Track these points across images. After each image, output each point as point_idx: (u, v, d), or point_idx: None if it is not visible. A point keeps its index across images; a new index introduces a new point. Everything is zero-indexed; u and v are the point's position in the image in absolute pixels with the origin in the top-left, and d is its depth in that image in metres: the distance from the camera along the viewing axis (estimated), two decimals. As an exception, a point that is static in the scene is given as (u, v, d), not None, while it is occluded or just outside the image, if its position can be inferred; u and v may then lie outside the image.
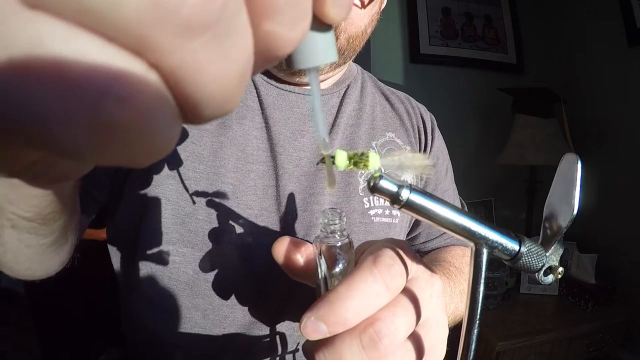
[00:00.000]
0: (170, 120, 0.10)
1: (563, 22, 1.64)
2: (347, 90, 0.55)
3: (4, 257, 0.32)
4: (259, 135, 0.47)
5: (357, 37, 0.45)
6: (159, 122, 0.10)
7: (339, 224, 0.25)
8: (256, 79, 0.49)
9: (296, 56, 0.15)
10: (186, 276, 0.45)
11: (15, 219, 0.25)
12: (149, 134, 0.09)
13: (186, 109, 0.10)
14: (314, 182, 0.48)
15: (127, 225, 0.46)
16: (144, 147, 0.10)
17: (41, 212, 0.25)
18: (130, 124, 0.09)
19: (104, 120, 0.08)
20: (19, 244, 0.29)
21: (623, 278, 1.37)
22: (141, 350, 0.50)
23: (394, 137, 0.55)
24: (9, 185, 0.21)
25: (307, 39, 0.14)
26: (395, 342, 0.22)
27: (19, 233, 0.27)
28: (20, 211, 0.24)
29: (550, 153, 1.37)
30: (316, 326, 0.21)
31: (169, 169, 0.43)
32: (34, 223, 0.26)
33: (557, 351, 1.22)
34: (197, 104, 0.10)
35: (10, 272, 0.36)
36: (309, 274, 0.27)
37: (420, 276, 0.25)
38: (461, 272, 0.50)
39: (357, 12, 0.43)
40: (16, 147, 0.10)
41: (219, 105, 0.11)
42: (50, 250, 0.33)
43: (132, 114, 0.09)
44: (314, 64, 0.15)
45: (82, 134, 0.08)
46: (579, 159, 0.22)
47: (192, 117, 0.11)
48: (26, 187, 0.21)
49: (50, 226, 0.28)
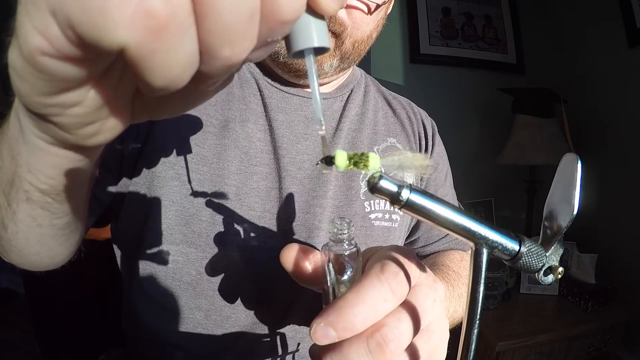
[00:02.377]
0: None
1: (563, 22, 1.64)
2: (350, 94, 0.55)
3: (15, 239, 0.32)
4: (263, 137, 0.47)
5: (363, 42, 0.45)
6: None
7: (347, 233, 0.26)
8: (260, 82, 0.49)
9: (294, 39, 0.18)
10: (189, 276, 0.45)
11: (30, 191, 0.26)
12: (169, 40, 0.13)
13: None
14: (316, 184, 0.48)
15: (130, 226, 0.46)
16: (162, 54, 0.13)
17: (57, 186, 0.25)
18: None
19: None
20: (31, 222, 0.29)
21: (623, 278, 1.37)
22: (142, 349, 0.50)
23: (395, 142, 0.55)
24: (34, 149, 0.22)
25: (303, 24, 0.17)
26: (400, 346, 0.23)
27: (33, 208, 0.28)
28: (38, 182, 0.25)
29: (550, 153, 1.37)
30: (325, 331, 0.22)
31: (172, 170, 0.43)
32: (49, 198, 0.26)
33: (557, 351, 1.22)
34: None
35: (18, 257, 0.36)
36: (316, 281, 0.28)
37: (424, 282, 0.26)
38: (459, 276, 0.50)
39: (363, 17, 0.43)
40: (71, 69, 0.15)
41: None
42: (61, 234, 0.33)
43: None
44: (310, 45, 0.17)
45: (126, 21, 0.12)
46: (579, 159, 0.22)
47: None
48: (49, 153, 0.22)
49: (63, 205, 0.28)
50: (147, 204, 0.44)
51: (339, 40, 0.43)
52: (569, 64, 1.63)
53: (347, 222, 0.26)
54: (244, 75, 0.50)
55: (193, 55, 0.14)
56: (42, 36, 0.13)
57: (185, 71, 0.15)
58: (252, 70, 0.50)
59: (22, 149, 0.23)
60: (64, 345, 0.80)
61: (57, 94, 0.16)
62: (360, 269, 0.27)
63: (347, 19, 0.42)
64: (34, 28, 0.14)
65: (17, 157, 0.24)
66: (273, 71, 0.49)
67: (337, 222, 0.26)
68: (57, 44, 0.14)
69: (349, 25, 0.43)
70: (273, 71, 0.49)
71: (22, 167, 0.24)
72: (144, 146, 0.43)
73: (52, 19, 0.13)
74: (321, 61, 0.44)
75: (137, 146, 0.43)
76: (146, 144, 0.43)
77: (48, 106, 0.17)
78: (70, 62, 0.14)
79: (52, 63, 0.14)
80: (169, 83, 0.15)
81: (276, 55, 0.44)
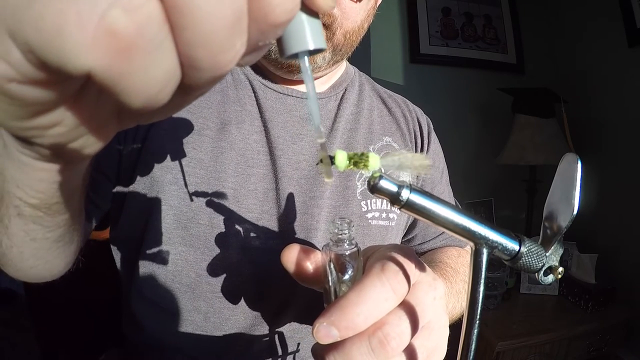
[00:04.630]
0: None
1: (563, 22, 1.64)
2: (344, 93, 0.55)
3: (10, 253, 0.32)
4: (258, 139, 0.47)
5: (354, 32, 0.45)
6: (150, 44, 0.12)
7: (347, 233, 0.26)
8: (254, 82, 0.49)
9: (287, 41, 0.16)
10: (188, 279, 0.45)
11: (21, 206, 0.25)
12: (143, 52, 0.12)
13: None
14: (313, 185, 0.48)
15: (130, 230, 0.46)
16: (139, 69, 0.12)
17: (47, 200, 0.25)
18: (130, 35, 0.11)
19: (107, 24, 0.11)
20: (24, 237, 0.29)
21: (623, 278, 1.37)
22: (141, 351, 0.50)
23: (391, 141, 0.55)
24: (20, 165, 0.21)
25: (296, 24, 0.16)
26: (401, 344, 0.23)
27: (25, 223, 0.27)
28: (27, 197, 0.24)
29: (550, 153, 1.37)
30: (328, 331, 0.22)
31: (170, 174, 0.43)
32: (40, 212, 0.26)
33: (557, 351, 1.22)
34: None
35: (15, 271, 0.36)
36: (317, 281, 0.28)
37: (423, 280, 0.26)
38: (457, 272, 0.50)
39: (352, 6, 0.42)
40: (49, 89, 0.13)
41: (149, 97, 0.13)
42: (56, 246, 0.33)
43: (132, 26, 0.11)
44: (305, 48, 0.16)
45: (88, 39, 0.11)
46: (579, 159, 0.22)
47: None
48: (36, 169, 0.21)
49: (55, 218, 0.28)
50: (146, 209, 0.44)
51: (330, 32, 0.43)
52: (569, 64, 1.63)
53: (348, 223, 0.26)
54: (238, 76, 0.49)
55: (172, 71, 0.13)
56: (5, 62, 0.12)
57: (165, 88, 0.13)
58: (245, 71, 0.50)
59: (8, 165, 0.22)
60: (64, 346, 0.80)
61: (33, 117, 0.15)
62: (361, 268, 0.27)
63: (336, 9, 0.41)
64: None
65: (4, 173, 0.23)
66: (266, 69, 0.49)
67: (337, 222, 0.26)
68: (20, 69, 0.12)
69: (338, 15, 0.42)
70: (266, 69, 0.49)
71: (10, 183, 0.24)
72: (141, 151, 0.43)
73: (12, 44, 0.12)
74: (314, 55, 0.44)
75: (134, 151, 0.43)
76: (143, 149, 0.43)
77: (26, 129, 0.16)
78: (39, 86, 0.13)
79: (20, 89, 0.13)
80: (148, 103, 0.13)
81: (268, 52, 0.44)
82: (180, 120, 0.44)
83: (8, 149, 0.20)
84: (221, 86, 0.48)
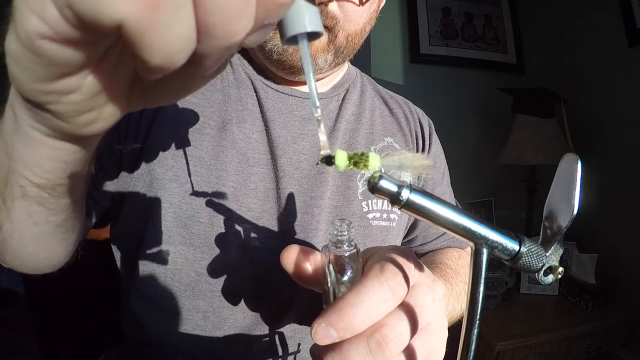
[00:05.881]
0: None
1: (563, 22, 1.64)
2: (346, 94, 0.55)
3: (11, 239, 0.32)
4: (259, 138, 0.47)
5: (356, 35, 0.45)
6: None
7: (347, 235, 0.26)
8: (255, 82, 0.49)
9: (287, 26, 0.18)
10: (188, 278, 0.45)
11: (26, 186, 0.26)
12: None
13: None
14: (314, 184, 0.48)
15: (130, 228, 0.46)
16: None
17: (53, 180, 0.25)
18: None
19: None
20: (27, 220, 0.29)
21: (623, 278, 1.37)
22: (141, 351, 0.50)
23: (392, 142, 0.55)
24: (29, 142, 0.22)
25: (295, 10, 0.18)
26: (400, 346, 0.23)
27: (29, 204, 0.27)
28: (33, 176, 0.25)
29: (550, 153, 1.37)
30: (326, 332, 0.22)
31: (171, 172, 0.43)
32: (44, 193, 0.26)
33: (557, 351, 1.22)
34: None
35: (12, 259, 0.35)
36: (316, 281, 0.28)
37: (423, 282, 0.26)
38: (457, 273, 0.50)
39: (355, 10, 0.42)
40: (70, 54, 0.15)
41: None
42: (57, 232, 0.33)
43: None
44: (303, 30, 0.18)
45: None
46: (579, 159, 0.22)
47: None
48: (46, 145, 0.22)
49: (59, 200, 0.28)
50: (146, 207, 0.44)
51: (332, 34, 0.43)
52: (568, 63, 1.63)
53: (347, 224, 0.26)
54: (240, 76, 0.49)
55: (190, 33, 0.14)
56: (39, 19, 0.13)
57: (183, 49, 0.15)
58: (247, 71, 0.50)
59: (17, 142, 0.23)
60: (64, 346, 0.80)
61: (55, 80, 0.16)
62: (360, 269, 0.27)
63: (338, 12, 0.42)
64: (31, 11, 0.13)
65: (12, 152, 0.24)
66: (268, 69, 0.49)
67: (337, 223, 0.26)
68: (55, 25, 0.13)
69: (341, 18, 0.42)
70: (268, 69, 0.49)
71: (17, 162, 0.24)
72: (142, 149, 0.43)
73: (49, 1, 0.13)
74: (315, 56, 0.44)
75: (136, 149, 0.43)
76: (144, 147, 0.43)
77: (45, 93, 0.17)
78: (69, 45, 0.14)
79: (51, 47, 0.14)
80: (166, 61, 0.15)
81: (270, 52, 0.44)
82: (181, 119, 0.44)
83: (19, 124, 0.21)
84: (223, 85, 0.48)
